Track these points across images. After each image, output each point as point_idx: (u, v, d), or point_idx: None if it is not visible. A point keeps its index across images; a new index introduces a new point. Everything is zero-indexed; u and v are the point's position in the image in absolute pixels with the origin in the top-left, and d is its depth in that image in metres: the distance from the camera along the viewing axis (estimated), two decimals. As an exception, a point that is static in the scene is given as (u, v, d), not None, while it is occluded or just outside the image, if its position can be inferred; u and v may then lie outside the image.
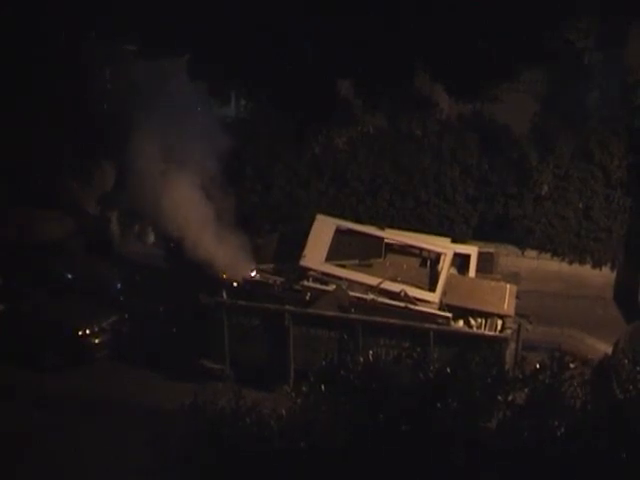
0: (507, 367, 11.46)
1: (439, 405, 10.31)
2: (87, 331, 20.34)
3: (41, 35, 22.23)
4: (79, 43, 19.98)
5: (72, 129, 21.98)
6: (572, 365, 10.77)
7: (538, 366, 10.74)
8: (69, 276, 21.88)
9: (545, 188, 23.52)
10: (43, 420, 17.92)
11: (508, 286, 19.70)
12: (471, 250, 20.77)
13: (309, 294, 19.32)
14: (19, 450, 17.06)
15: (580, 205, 23.69)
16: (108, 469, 16.09)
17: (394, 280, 19.60)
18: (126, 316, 20.95)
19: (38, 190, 23.94)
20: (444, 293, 19.45)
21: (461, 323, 19.21)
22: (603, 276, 23.94)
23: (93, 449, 16.89)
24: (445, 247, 20.53)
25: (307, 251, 19.96)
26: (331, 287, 19.43)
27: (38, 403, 18.58)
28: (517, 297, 19.56)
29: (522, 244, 23.94)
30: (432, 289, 19.49)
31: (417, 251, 20.70)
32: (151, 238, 23.65)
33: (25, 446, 17.14)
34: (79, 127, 21.93)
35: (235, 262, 19.80)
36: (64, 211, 24.35)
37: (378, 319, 18.69)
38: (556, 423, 10.28)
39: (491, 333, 18.82)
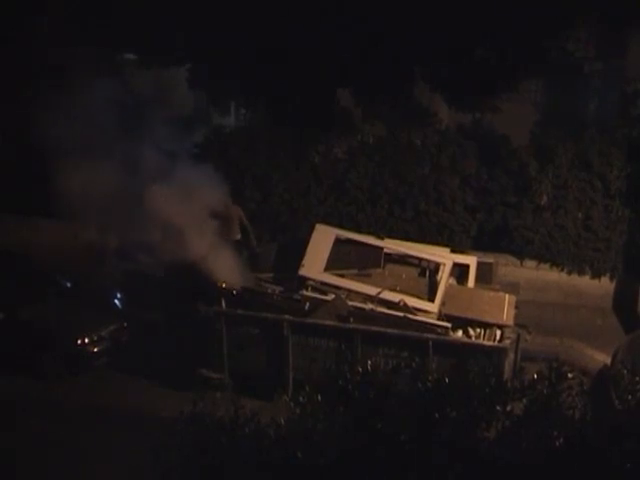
0: (506, 377, 11.42)
1: (437, 415, 10.30)
2: (86, 340, 20.31)
3: (41, 42, 22.31)
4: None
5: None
6: (570, 375, 10.76)
7: (536, 376, 10.73)
8: (68, 284, 21.85)
9: (544, 198, 23.49)
10: (42, 428, 17.89)
11: (507, 296, 19.68)
12: (470, 260, 20.76)
13: (308, 304, 19.29)
14: (19, 457, 17.07)
15: (579, 215, 23.66)
16: (107, 476, 16.12)
17: (393, 290, 19.58)
18: (125, 325, 20.95)
19: (37, 197, 23.92)
20: (443, 303, 19.42)
21: (460, 333, 19.19)
22: (602, 286, 23.90)
23: (92, 457, 16.87)
24: (444, 257, 20.51)
25: (306, 260, 19.93)
26: (330, 297, 19.41)
27: (37, 411, 18.56)
28: (516, 307, 19.54)
29: (521, 254, 23.91)
30: (431, 299, 19.47)
31: (416, 261, 20.68)
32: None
33: (25, 453, 17.14)
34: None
35: (234, 271, 19.78)
36: (63, 218, 24.31)
37: (377, 329, 18.67)
38: (555, 433, 10.27)
39: (490, 343, 18.80)
